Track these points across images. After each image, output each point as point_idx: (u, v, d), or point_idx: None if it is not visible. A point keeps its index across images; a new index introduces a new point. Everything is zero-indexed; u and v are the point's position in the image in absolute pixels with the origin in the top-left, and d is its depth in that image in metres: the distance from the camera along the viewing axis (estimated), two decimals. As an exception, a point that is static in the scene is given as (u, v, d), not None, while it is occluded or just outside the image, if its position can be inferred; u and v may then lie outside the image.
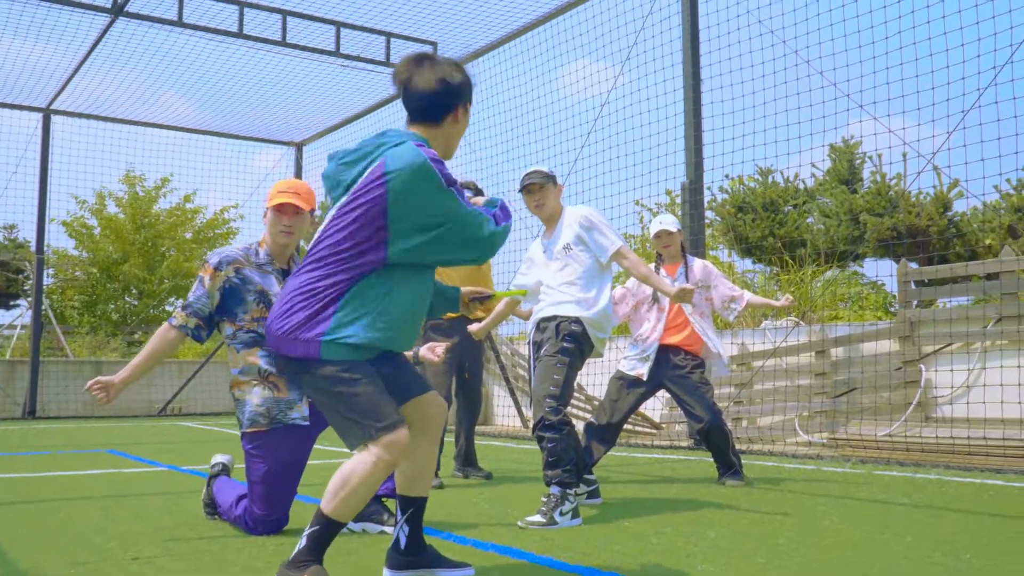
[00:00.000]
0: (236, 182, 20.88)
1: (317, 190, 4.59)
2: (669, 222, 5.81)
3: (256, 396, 3.78)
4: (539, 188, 4.67)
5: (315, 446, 3.94)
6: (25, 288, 19.47)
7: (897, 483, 5.56)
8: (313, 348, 2.68)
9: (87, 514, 4.30)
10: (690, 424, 5.82)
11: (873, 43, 7.34)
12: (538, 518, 4.03)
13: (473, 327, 5.23)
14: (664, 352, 5.64)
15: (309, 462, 4.00)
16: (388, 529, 3.80)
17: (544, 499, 4.13)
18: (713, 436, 5.54)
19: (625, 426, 8.13)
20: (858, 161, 12.57)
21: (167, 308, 20.11)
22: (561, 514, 4.06)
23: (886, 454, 7.09)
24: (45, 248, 14.26)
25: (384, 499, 3.98)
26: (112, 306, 19.46)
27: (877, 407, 7.93)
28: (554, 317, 4.49)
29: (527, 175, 4.71)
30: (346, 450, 3.13)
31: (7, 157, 14.27)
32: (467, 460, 6.16)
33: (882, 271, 13.72)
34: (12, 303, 20.09)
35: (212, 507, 4.11)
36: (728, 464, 5.62)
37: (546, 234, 4.75)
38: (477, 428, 8.82)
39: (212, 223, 20.39)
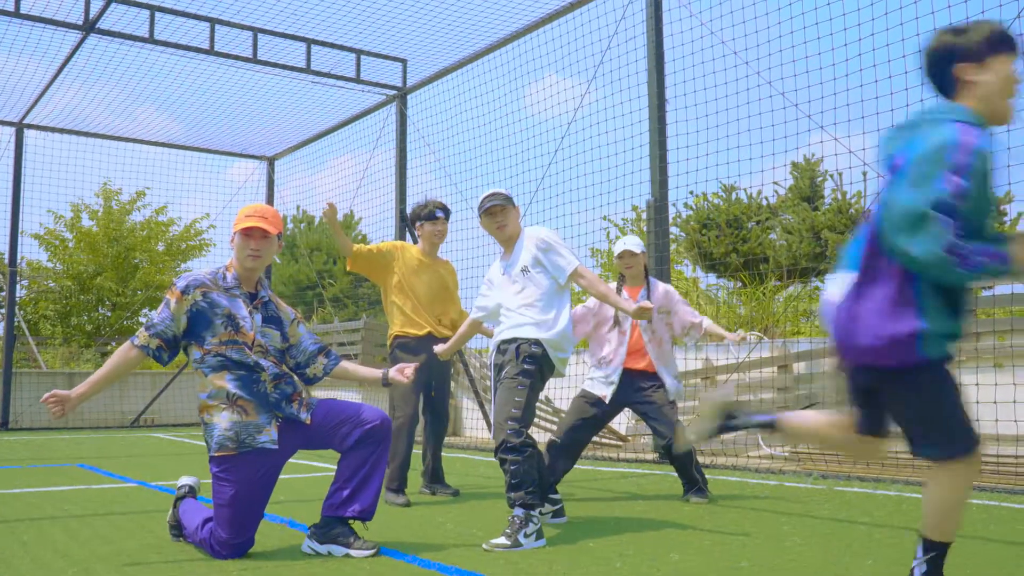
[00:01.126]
0: (209, 195, 20.86)
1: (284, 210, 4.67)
2: (633, 243, 5.90)
3: (224, 420, 3.80)
4: (500, 210, 4.72)
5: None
6: (-3, 300, 19.40)
7: (858, 500, 5.69)
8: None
9: (50, 535, 4.35)
10: (655, 439, 5.95)
11: (834, 64, 7.51)
12: (503, 540, 4.07)
13: (439, 347, 5.32)
14: (628, 375, 5.74)
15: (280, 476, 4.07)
16: (354, 553, 3.84)
17: (509, 520, 4.20)
18: (676, 453, 5.65)
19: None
20: (819, 179, 12.83)
21: (140, 320, 20.05)
22: (525, 536, 4.10)
23: (847, 469, 7.24)
24: (19, 260, 14.23)
25: (351, 521, 4.01)
26: (86, 317, 19.40)
27: (838, 421, 8.08)
28: (514, 339, 4.55)
29: (487, 197, 4.75)
30: (316, 466, 3.21)
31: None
32: (434, 477, 6.24)
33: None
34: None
35: (178, 529, 4.16)
36: (692, 481, 5.72)
37: (504, 256, 4.83)
38: (446, 440, 8.94)
39: (184, 235, 20.39)
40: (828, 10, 7.34)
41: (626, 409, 6.00)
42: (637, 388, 5.72)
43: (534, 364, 4.48)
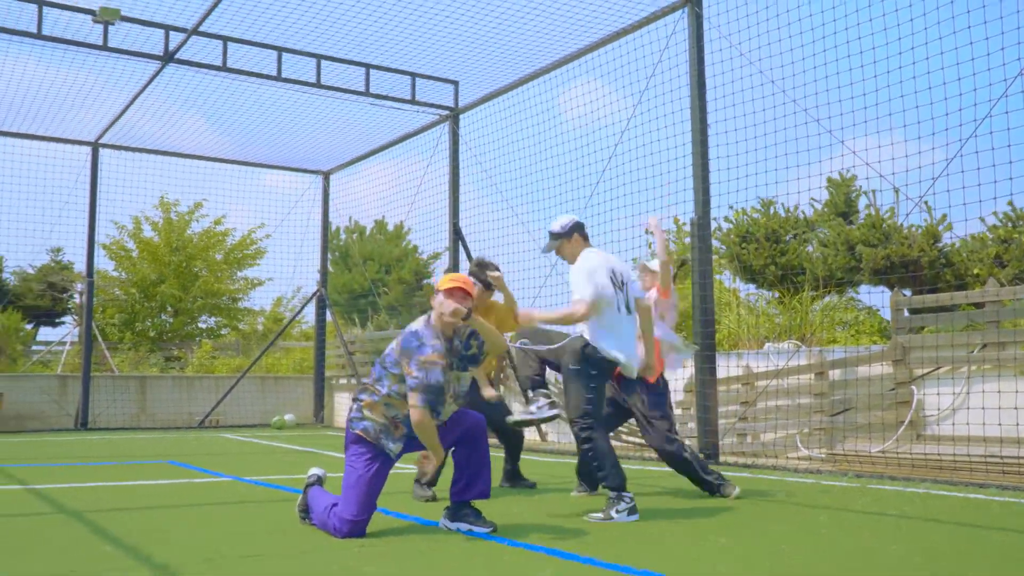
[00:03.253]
0: (266, 207, 21.77)
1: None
2: (653, 264, 6.74)
3: (379, 421, 4.66)
4: (555, 248, 5.75)
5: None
6: (69, 307, 20.46)
7: (888, 496, 6.29)
8: None
9: (192, 521, 5.09)
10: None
11: (864, 94, 8.09)
12: (598, 515, 5.08)
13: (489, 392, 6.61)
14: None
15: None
16: (476, 529, 4.65)
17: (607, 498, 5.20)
18: (674, 466, 6.22)
19: (638, 440, 8.93)
20: (854, 195, 13.40)
21: (200, 325, 21.03)
22: (617, 512, 5.05)
23: (879, 469, 7.83)
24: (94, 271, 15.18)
25: (473, 503, 4.83)
26: (149, 323, 20.38)
27: (872, 425, 8.66)
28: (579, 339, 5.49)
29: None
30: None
31: (59, 187, 15.19)
32: (512, 477, 7.06)
33: (877, 298, 14.55)
34: (57, 321, 21.07)
35: (306, 512, 4.90)
36: (707, 485, 6.17)
37: None
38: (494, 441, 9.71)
39: (240, 244, 21.31)
40: (859, 43, 7.94)
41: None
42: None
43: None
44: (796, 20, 8.50)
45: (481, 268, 6.67)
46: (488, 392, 6.69)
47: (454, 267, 12.97)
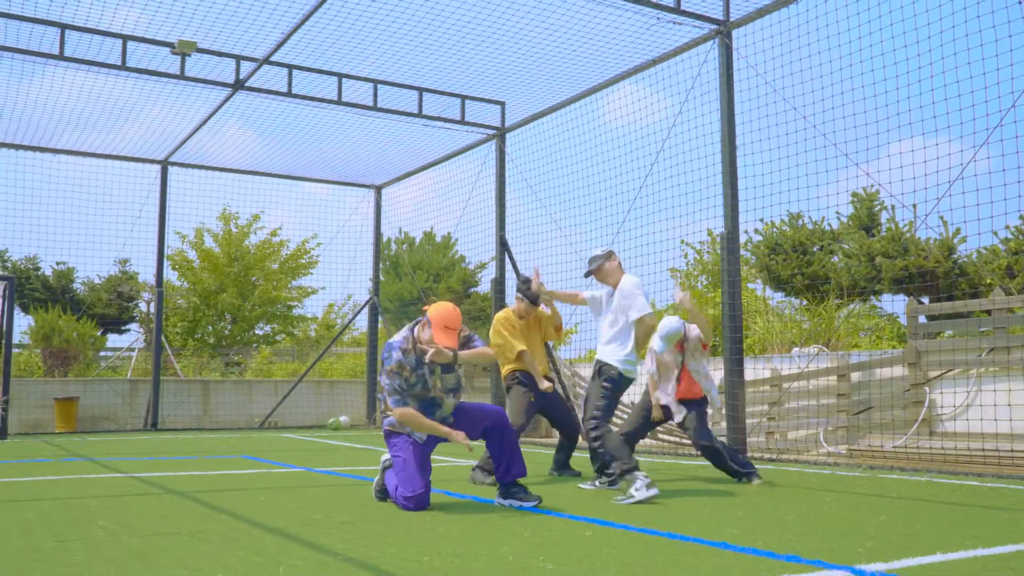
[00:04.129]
0: (321, 219, 22.82)
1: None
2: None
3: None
4: (598, 271, 6.61)
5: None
6: (135, 315, 21.64)
7: (892, 483, 7.00)
8: None
9: (283, 499, 5.97)
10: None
11: (878, 120, 8.80)
12: (622, 498, 5.79)
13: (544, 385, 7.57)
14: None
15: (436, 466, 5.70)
16: (524, 504, 5.48)
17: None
18: (707, 456, 7.05)
19: (670, 438, 9.68)
20: (877, 208, 14.05)
21: (257, 332, 22.13)
22: (636, 490, 5.75)
23: (892, 462, 8.52)
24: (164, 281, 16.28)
25: (519, 481, 5.70)
26: (210, 329, 21.50)
27: (888, 423, 9.36)
28: (598, 361, 6.48)
29: (590, 261, 6.66)
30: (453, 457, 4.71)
31: (130, 201, 16.32)
32: (561, 466, 7.90)
33: (896, 306, 15.18)
34: (124, 328, 22.26)
35: (383, 492, 5.78)
36: (734, 473, 7.02)
37: (609, 295, 6.57)
38: (542, 440, 10.49)
39: (295, 255, 22.37)
40: (872, 75, 8.67)
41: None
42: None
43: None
44: (817, 53, 9.25)
45: (526, 284, 7.66)
46: (544, 384, 7.62)
47: (500, 276, 13.82)
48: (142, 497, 6.04)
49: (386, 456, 5.98)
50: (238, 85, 12.23)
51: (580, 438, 7.67)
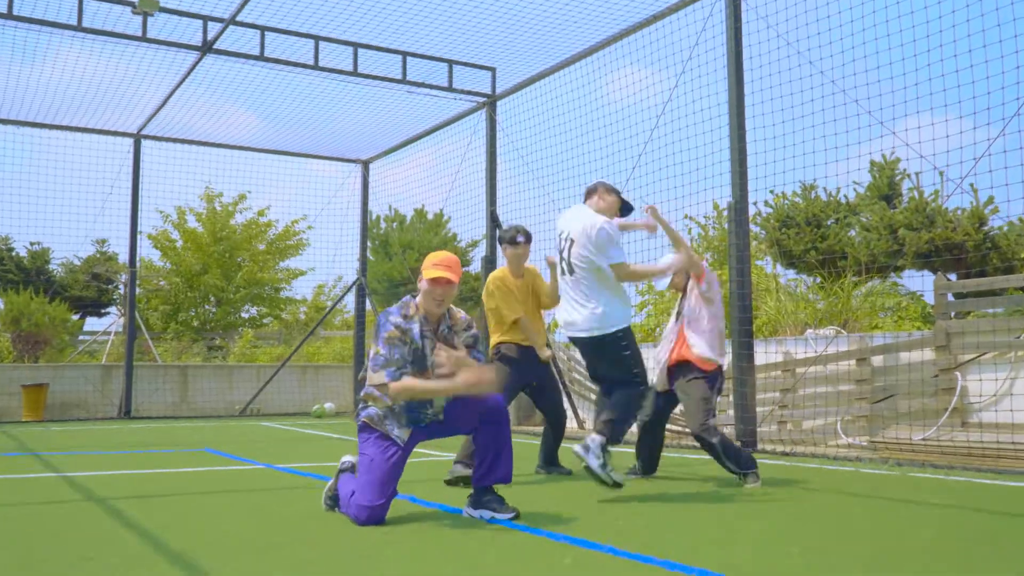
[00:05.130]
0: (307, 197, 21.97)
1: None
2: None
3: (379, 408, 4.62)
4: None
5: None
6: (115, 298, 20.78)
7: (927, 484, 6.12)
8: None
9: (218, 509, 5.10)
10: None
11: (904, 73, 7.87)
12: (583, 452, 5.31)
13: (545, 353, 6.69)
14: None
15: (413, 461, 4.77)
16: (498, 516, 4.58)
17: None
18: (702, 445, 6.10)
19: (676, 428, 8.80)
20: (897, 177, 13.08)
21: (242, 315, 21.24)
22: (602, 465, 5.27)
23: (921, 456, 7.64)
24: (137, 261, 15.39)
25: (495, 488, 4.77)
26: (192, 312, 20.64)
27: (915, 412, 8.46)
28: None
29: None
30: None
31: (102, 178, 15.43)
32: (549, 460, 6.99)
33: (921, 283, 14.21)
34: (103, 311, 21.43)
35: (333, 500, 4.87)
36: (733, 472, 6.03)
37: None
38: (535, 429, 9.65)
39: (283, 235, 21.47)
40: (899, 22, 7.72)
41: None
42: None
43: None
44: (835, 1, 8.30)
45: (509, 232, 6.93)
46: (544, 353, 6.74)
47: (491, 254, 12.90)
48: (52, 506, 5.17)
49: (347, 458, 5.09)
50: (206, 48, 11.30)
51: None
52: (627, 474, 6.31)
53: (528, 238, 6.95)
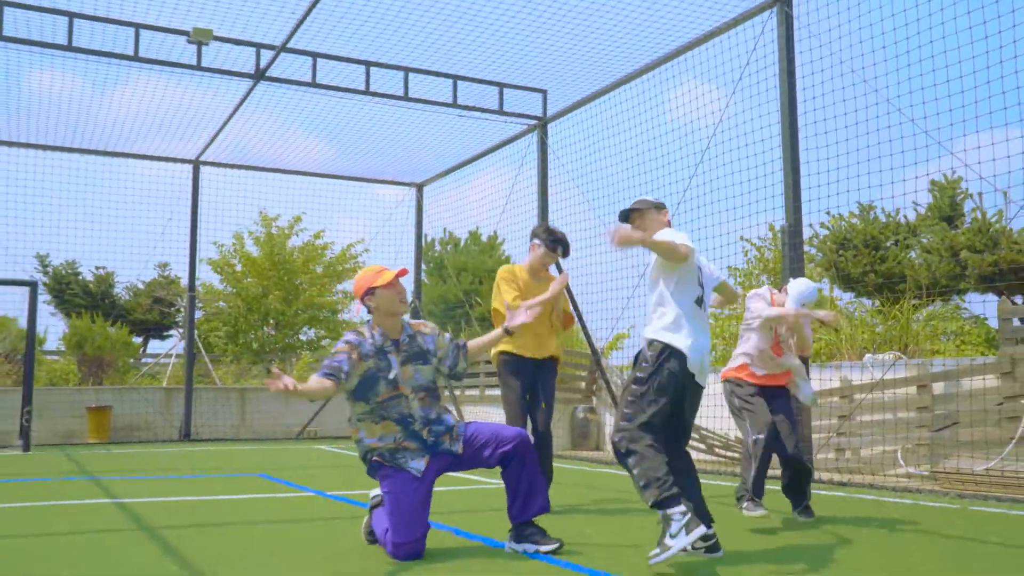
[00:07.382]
0: (362, 220, 22.16)
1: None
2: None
3: (381, 443, 4.62)
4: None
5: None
6: (177, 320, 21.19)
7: (993, 520, 5.88)
8: None
9: (264, 539, 5.11)
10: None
11: (963, 91, 7.65)
12: (656, 551, 4.06)
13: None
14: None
15: (439, 490, 4.72)
16: (542, 548, 4.51)
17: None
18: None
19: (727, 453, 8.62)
20: (959, 197, 12.73)
21: (301, 338, 21.47)
22: (671, 536, 4.00)
23: (984, 489, 7.37)
24: (196, 284, 15.66)
25: (536, 520, 4.68)
26: (252, 336, 20.91)
27: (978, 442, 8.17)
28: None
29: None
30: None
31: (163, 203, 15.78)
32: None
33: (987, 308, 13.73)
34: (165, 334, 21.85)
35: (373, 535, 4.84)
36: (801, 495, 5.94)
37: None
38: (590, 455, 9.45)
39: (340, 258, 21.68)
40: (956, 38, 7.52)
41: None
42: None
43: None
44: (889, 16, 8.12)
45: (549, 233, 6.51)
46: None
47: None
48: (101, 536, 5.23)
49: (376, 491, 5.07)
50: (259, 75, 11.47)
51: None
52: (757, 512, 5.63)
53: (566, 253, 6.69)
